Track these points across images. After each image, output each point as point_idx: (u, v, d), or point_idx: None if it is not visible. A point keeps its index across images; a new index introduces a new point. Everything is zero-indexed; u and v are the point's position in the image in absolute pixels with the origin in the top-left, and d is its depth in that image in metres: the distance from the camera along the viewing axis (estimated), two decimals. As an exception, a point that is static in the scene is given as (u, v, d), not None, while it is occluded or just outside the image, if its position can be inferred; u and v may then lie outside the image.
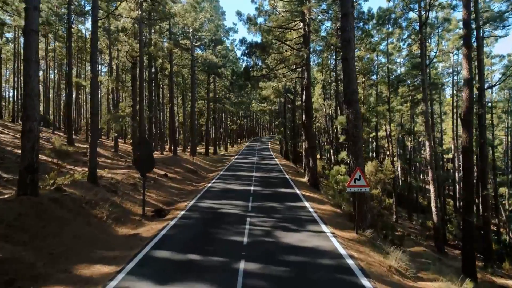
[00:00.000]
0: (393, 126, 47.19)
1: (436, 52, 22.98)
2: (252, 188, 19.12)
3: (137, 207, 13.98)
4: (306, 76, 21.89)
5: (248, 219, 12.16)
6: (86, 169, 20.29)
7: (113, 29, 20.19)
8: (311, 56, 26.17)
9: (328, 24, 25.14)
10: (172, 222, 11.79)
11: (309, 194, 18.08)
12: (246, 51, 24.59)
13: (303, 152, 33.67)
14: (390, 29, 23.16)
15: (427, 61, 21.56)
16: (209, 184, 20.40)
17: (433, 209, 17.85)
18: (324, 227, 11.31)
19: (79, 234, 9.89)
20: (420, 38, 18.82)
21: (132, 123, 21.40)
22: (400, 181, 35.00)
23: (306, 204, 15.16)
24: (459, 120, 38.07)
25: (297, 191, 18.65)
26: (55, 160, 19.88)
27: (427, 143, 18.08)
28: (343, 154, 18.61)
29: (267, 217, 12.59)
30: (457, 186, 31.62)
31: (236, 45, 46.52)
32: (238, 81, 24.74)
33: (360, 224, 11.32)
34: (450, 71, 32.80)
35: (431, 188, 17.96)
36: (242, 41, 22.84)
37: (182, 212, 13.27)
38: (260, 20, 22.64)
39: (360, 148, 11.44)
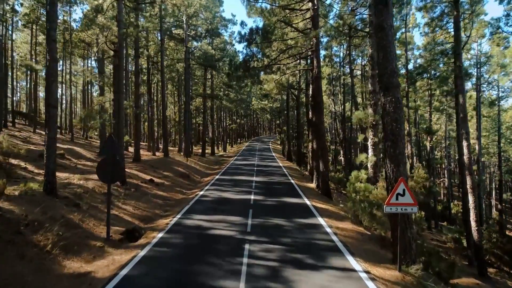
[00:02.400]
0: (405, 125, 44.07)
1: (469, 36, 19.76)
2: (252, 197, 15.96)
3: (103, 225, 10.80)
4: (316, 64, 18.72)
5: (247, 246, 8.99)
6: (58, 173, 17.32)
7: (89, 11, 17.10)
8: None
9: (337, 6, 21.95)
10: (143, 252, 8.61)
11: (322, 206, 14.90)
12: (245, 38, 21.43)
13: (309, 153, 30.51)
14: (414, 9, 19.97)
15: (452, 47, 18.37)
16: (201, 192, 17.22)
17: (472, 223, 14.68)
18: (352, 261, 8.13)
19: (1, 277, 6.74)
20: (455, 16, 15.63)
21: (113, 120, 18.25)
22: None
23: (321, 220, 11.98)
24: (481, 118, 34.92)
25: (307, 201, 15.49)
26: (22, 164, 16.81)
27: (464, 143, 14.94)
28: (362, 157, 15.45)
29: (272, 242, 9.41)
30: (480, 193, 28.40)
31: (235, 38, 43.28)
32: (236, 72, 21.56)
33: (402, 256, 8.14)
34: (472, 63, 29.55)
35: (470, 198, 14.79)
36: (242, 25, 19.62)
37: (161, 235, 10.08)
38: None
39: (402, 152, 8.27)
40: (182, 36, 30.90)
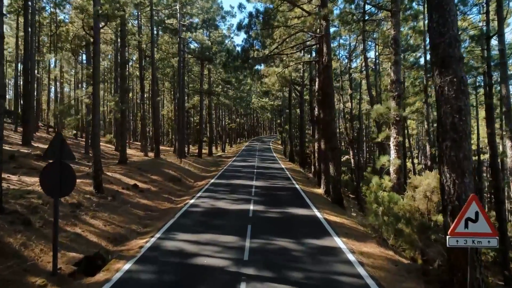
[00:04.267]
0: (414, 123, 41.50)
1: (505, 18, 17.26)
2: (251, 207, 13.39)
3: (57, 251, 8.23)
4: (326, 51, 16.17)
5: (243, 287, 6.42)
6: (25, 178, 14.84)
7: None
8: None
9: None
10: (94, 299, 6.06)
11: (336, 219, 12.33)
12: (243, 26, 18.90)
13: (313, 154, 27.98)
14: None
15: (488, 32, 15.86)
16: (192, 201, 14.66)
17: (518, 240, 12.15)
18: (396, 315, 5.57)
19: None
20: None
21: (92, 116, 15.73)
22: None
23: (339, 242, 9.40)
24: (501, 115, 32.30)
25: (317, 212, 12.92)
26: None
27: (508, 143, 12.41)
28: (384, 159, 12.90)
29: (277, 279, 6.83)
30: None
31: (233, 31, 40.77)
32: (233, 63, 19.04)
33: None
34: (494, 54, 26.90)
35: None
36: (239, 8, 17.16)
37: (128, 266, 7.51)
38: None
39: (468, 156, 5.71)
40: (176, 26, 28.37)
